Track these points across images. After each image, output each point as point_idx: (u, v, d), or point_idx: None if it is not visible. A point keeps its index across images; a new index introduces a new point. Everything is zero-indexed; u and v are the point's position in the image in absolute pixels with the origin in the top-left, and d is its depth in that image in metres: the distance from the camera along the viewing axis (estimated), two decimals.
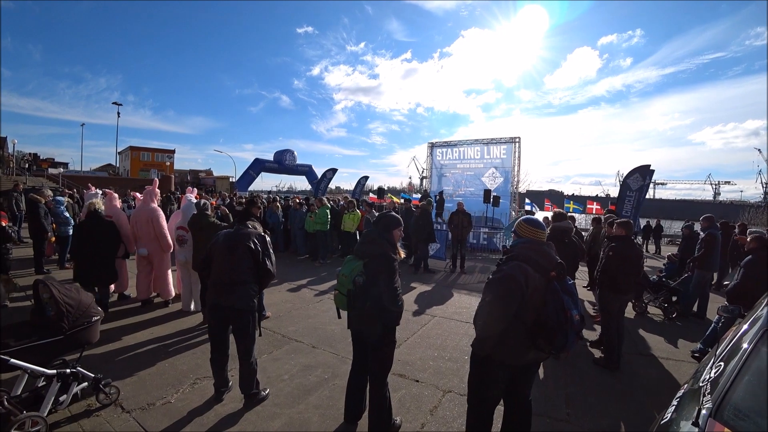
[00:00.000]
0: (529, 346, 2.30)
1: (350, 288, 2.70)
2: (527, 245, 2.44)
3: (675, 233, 23.85)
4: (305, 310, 6.08)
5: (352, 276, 2.71)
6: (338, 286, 2.82)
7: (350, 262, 2.81)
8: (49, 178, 29.09)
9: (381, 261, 2.74)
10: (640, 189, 12.45)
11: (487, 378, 2.48)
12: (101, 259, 5.11)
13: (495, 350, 2.36)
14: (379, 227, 2.93)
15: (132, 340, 4.61)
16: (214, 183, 43.20)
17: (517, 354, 2.36)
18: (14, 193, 11.15)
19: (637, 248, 4.71)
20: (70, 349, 3.11)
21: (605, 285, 4.56)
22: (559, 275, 2.31)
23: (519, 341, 2.30)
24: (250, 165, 30.00)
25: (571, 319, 2.18)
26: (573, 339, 2.21)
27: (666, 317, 6.54)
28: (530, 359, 2.42)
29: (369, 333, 2.79)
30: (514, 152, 14.24)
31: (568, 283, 2.36)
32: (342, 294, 2.76)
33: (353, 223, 10.08)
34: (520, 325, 2.27)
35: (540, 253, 2.39)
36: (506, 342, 2.31)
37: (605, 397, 3.80)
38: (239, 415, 3.20)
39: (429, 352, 4.58)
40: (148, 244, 5.78)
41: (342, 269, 2.82)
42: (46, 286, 3.08)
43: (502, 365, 2.40)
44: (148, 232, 5.75)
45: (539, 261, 2.34)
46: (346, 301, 2.74)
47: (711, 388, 1.61)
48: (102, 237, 5.14)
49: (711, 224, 6.73)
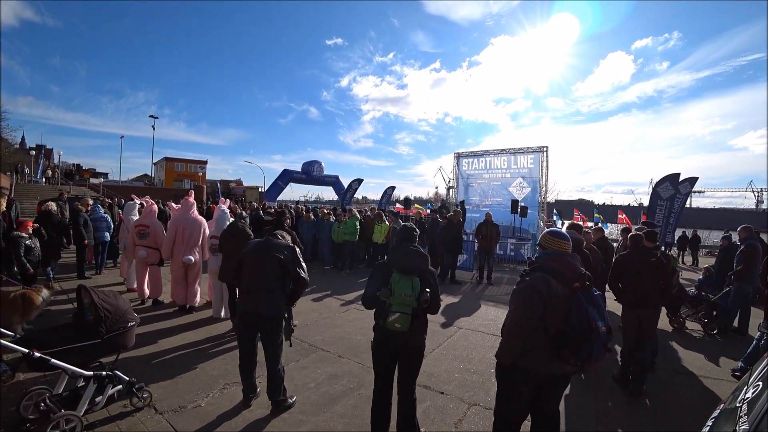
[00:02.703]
0: (554, 356, 2.28)
1: (415, 306, 2.66)
2: (551, 257, 2.46)
3: (713, 244, 22.73)
4: (331, 319, 6.14)
5: (415, 293, 2.67)
6: (400, 307, 2.65)
7: (403, 280, 2.70)
8: (91, 187, 30.52)
9: (431, 274, 2.83)
10: (671, 198, 12.04)
11: (513, 390, 2.47)
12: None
13: (520, 359, 2.37)
14: (409, 239, 2.96)
15: (166, 344, 4.78)
16: (243, 193, 44.29)
17: (541, 363, 2.34)
18: (59, 201, 11.75)
19: (642, 260, 4.25)
20: (107, 353, 3.25)
21: (617, 298, 4.50)
22: (583, 286, 2.29)
23: (543, 350, 2.30)
24: (279, 176, 30.60)
25: (597, 330, 2.16)
26: (599, 350, 2.17)
27: (705, 333, 6.26)
28: (556, 371, 2.37)
29: (416, 347, 2.84)
30: (541, 162, 14.01)
31: (594, 293, 2.33)
32: (406, 314, 2.64)
33: (381, 234, 10.21)
34: (543, 334, 2.27)
35: (563, 264, 2.40)
36: (531, 351, 2.32)
37: (637, 415, 3.67)
38: (266, 421, 3.26)
39: (455, 364, 4.54)
40: (194, 252, 6.08)
41: (398, 289, 2.68)
42: (87, 292, 3.24)
43: (527, 376, 2.38)
44: (196, 241, 6.09)
45: (563, 271, 2.35)
46: (410, 321, 2.65)
47: (748, 410, 1.55)
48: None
49: (749, 234, 6.43)
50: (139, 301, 6.47)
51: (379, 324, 2.81)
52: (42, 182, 30.23)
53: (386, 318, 2.70)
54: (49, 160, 37.20)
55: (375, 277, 2.86)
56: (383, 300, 2.72)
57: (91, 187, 30.24)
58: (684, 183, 12.58)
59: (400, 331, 2.67)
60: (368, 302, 2.88)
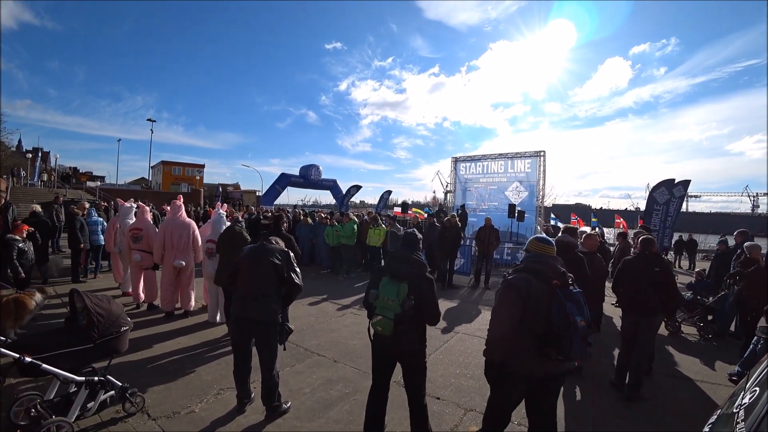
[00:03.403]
0: (540, 356, 2.36)
1: (398, 312, 2.65)
2: (534, 259, 2.59)
3: (710, 248, 22.82)
4: (327, 324, 6.11)
5: (400, 299, 2.66)
6: (382, 311, 2.69)
7: (390, 285, 2.72)
8: (87, 190, 30.38)
9: (425, 281, 2.79)
10: (666, 203, 12.14)
11: (501, 390, 2.59)
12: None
13: (507, 357, 2.47)
14: (409, 246, 2.94)
15: (160, 349, 4.74)
16: (241, 197, 44.21)
17: (529, 364, 2.41)
18: (55, 205, 11.69)
19: (641, 264, 4.23)
20: (99, 357, 3.22)
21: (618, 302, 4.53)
22: (563, 283, 2.41)
23: (530, 351, 2.38)
24: (277, 179, 30.58)
25: (575, 324, 2.24)
26: (579, 345, 2.25)
27: (702, 337, 6.26)
28: (544, 371, 2.42)
29: (410, 353, 2.83)
30: (539, 166, 14.07)
31: (574, 291, 2.42)
32: (388, 318, 2.65)
33: (379, 237, 10.17)
34: (528, 334, 2.38)
35: (545, 264, 2.53)
36: (516, 349, 2.43)
37: (635, 419, 3.65)
38: (260, 427, 3.23)
39: (451, 369, 4.52)
40: (184, 255, 5.97)
41: (383, 293, 2.72)
42: (80, 296, 3.22)
43: (516, 377, 2.47)
44: (186, 244, 5.98)
45: (544, 271, 2.48)
46: (392, 326, 2.65)
47: (745, 415, 1.54)
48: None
49: (746, 238, 6.45)
50: (134, 306, 6.42)
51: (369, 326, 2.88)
52: (39, 186, 30.08)
53: (371, 319, 2.80)
54: (46, 163, 37.04)
55: (371, 280, 2.97)
56: (371, 302, 2.81)
57: (88, 191, 30.10)
58: (678, 186, 12.68)
59: (383, 334, 2.71)
60: (365, 304, 2.96)
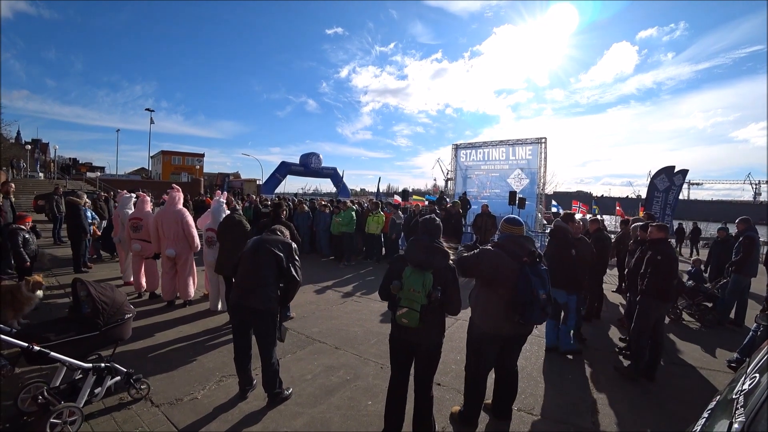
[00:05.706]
0: (507, 318, 2.88)
1: (424, 303, 2.59)
2: (506, 239, 3.09)
3: (711, 236, 22.80)
4: (329, 311, 6.14)
5: (426, 290, 2.60)
6: (408, 303, 2.61)
7: (415, 275, 2.64)
8: (87, 181, 30.40)
9: (449, 271, 2.75)
10: (666, 190, 12.12)
11: (481, 353, 3.12)
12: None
13: (484, 323, 3.03)
14: (430, 233, 2.84)
15: (162, 337, 4.77)
16: (241, 186, 44.16)
17: (500, 324, 2.96)
18: (55, 196, 11.69)
19: (675, 252, 4.42)
20: (104, 345, 3.27)
21: (651, 292, 4.19)
22: (531, 261, 2.87)
23: (498, 312, 2.93)
24: (277, 168, 30.56)
25: (537, 296, 2.76)
26: (539, 313, 2.79)
27: (702, 324, 6.28)
28: (511, 331, 2.99)
29: (432, 344, 2.83)
30: (540, 153, 13.96)
31: (541, 268, 2.92)
32: (415, 311, 2.58)
33: (378, 225, 10.13)
34: (499, 301, 2.91)
35: (516, 243, 3.02)
36: (488, 312, 2.99)
37: (634, 406, 3.67)
38: (262, 413, 3.26)
39: (451, 355, 4.53)
40: (175, 245, 5.90)
41: (407, 283, 2.63)
42: (84, 285, 3.24)
43: (491, 337, 3.03)
44: (176, 233, 5.88)
45: (514, 249, 2.97)
46: (419, 317, 2.59)
47: (744, 401, 1.54)
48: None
49: (748, 226, 6.43)
50: (135, 295, 6.45)
51: (393, 318, 2.78)
52: (40, 177, 30.06)
53: (395, 312, 2.69)
54: (45, 154, 36.96)
55: (390, 270, 2.85)
56: (394, 293, 2.70)
57: (88, 182, 30.12)
58: (677, 175, 12.66)
59: (409, 326, 2.64)
60: (381, 294, 2.89)
